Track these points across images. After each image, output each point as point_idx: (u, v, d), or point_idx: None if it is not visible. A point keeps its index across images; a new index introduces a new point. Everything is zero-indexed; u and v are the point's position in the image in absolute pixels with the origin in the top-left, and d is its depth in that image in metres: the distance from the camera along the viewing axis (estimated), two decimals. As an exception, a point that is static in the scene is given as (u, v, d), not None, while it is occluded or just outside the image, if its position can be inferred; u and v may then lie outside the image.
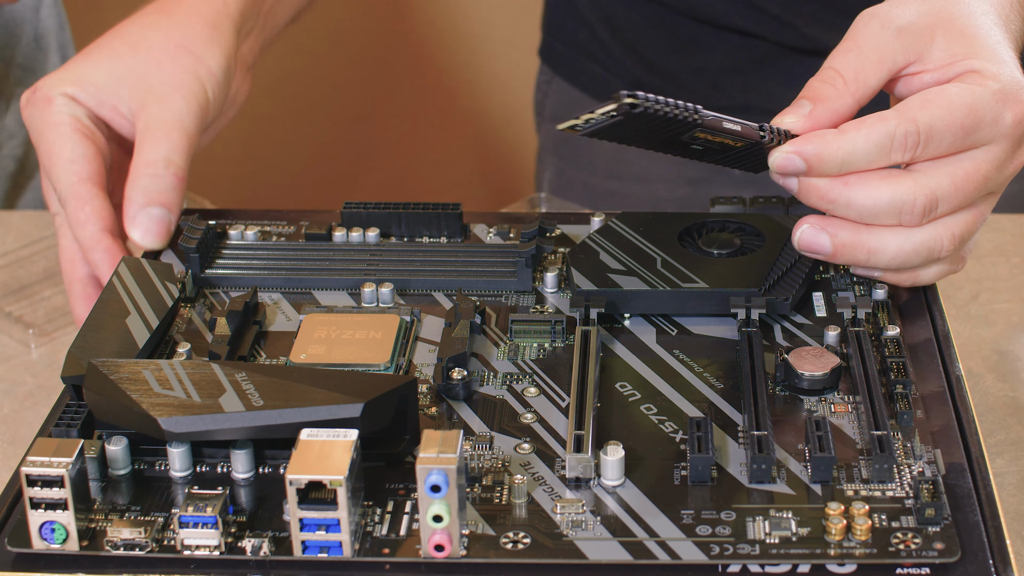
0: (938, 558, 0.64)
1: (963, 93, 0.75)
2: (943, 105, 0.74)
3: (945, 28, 0.77)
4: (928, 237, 0.76)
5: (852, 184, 0.75)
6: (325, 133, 2.08)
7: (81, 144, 0.87)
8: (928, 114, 0.74)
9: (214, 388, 0.68)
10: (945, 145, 0.75)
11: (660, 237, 0.84)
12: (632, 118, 0.72)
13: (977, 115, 0.74)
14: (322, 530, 0.64)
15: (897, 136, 0.74)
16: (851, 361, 0.75)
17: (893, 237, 0.76)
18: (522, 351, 0.79)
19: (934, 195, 0.75)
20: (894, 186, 0.74)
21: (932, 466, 0.69)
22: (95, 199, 0.85)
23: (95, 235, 0.84)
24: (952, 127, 0.74)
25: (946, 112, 0.74)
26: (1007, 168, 0.77)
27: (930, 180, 0.75)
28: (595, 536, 0.66)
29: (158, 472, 0.70)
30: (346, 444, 0.65)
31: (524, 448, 0.71)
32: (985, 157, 0.76)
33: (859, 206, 0.75)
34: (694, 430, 0.69)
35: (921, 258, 0.77)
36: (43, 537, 0.65)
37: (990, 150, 0.76)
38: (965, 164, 0.75)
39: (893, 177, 0.75)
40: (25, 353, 0.93)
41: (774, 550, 0.64)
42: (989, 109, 0.75)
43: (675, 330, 0.80)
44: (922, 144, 0.74)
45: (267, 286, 0.85)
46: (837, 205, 0.75)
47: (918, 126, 0.74)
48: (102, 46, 0.92)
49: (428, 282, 0.84)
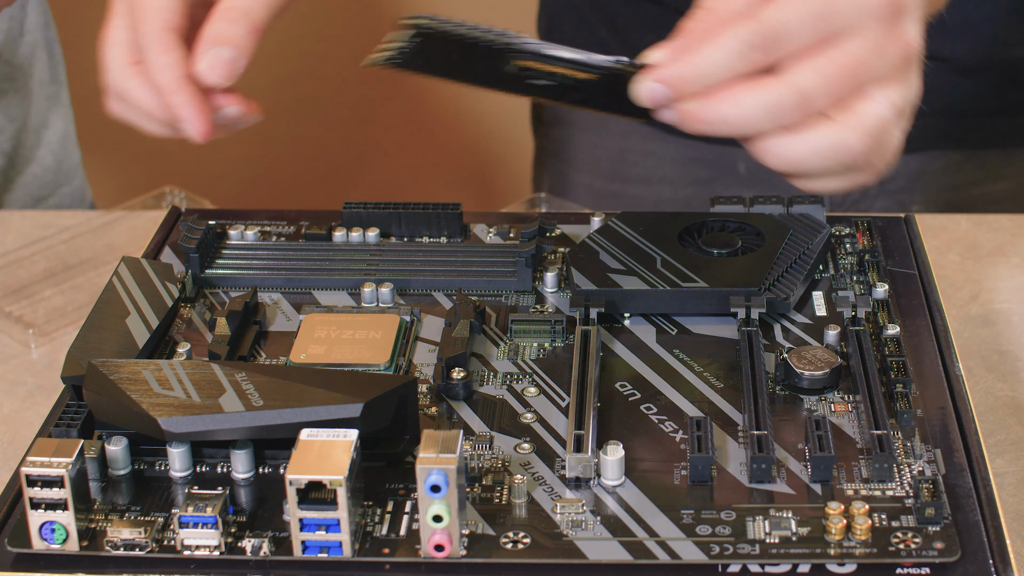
0: (938, 558, 0.64)
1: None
2: None
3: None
4: (827, 136, 0.73)
5: (721, 99, 0.72)
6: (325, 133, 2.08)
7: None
8: (777, 9, 0.72)
9: (214, 388, 0.68)
10: (805, 37, 0.72)
11: (660, 237, 0.84)
12: (430, 44, 0.73)
13: (830, 3, 0.72)
14: (322, 530, 0.64)
15: (749, 38, 0.72)
16: (851, 360, 0.75)
17: (793, 141, 0.73)
18: (522, 351, 0.79)
19: (803, 90, 0.72)
20: (761, 91, 0.72)
21: (932, 466, 0.69)
22: (178, 48, 0.82)
23: (177, 80, 0.81)
24: (803, 17, 0.71)
25: (795, 3, 0.72)
26: (888, 50, 0.73)
27: (796, 77, 0.72)
28: (595, 536, 0.66)
29: (158, 472, 0.70)
30: (346, 444, 0.65)
31: (524, 448, 0.71)
32: (856, 43, 0.72)
33: (733, 120, 0.73)
34: (694, 430, 0.69)
35: (831, 159, 0.73)
36: (43, 537, 0.65)
37: (859, 34, 0.72)
38: (832, 54, 0.72)
39: (759, 82, 0.72)
40: (25, 353, 0.93)
41: (774, 550, 0.64)
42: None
43: (675, 330, 0.80)
44: (778, 40, 0.72)
45: (267, 286, 0.85)
46: (714, 124, 0.73)
47: (769, 23, 0.71)
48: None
49: (428, 282, 0.84)
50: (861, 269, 0.84)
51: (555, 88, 0.76)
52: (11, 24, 1.21)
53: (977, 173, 1.22)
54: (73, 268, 1.02)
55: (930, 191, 1.23)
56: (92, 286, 0.99)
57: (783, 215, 0.86)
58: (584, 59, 0.74)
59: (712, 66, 0.73)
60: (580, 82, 0.75)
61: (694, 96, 0.73)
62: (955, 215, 1.05)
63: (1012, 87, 1.19)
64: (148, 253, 0.88)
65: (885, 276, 0.83)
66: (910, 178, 1.22)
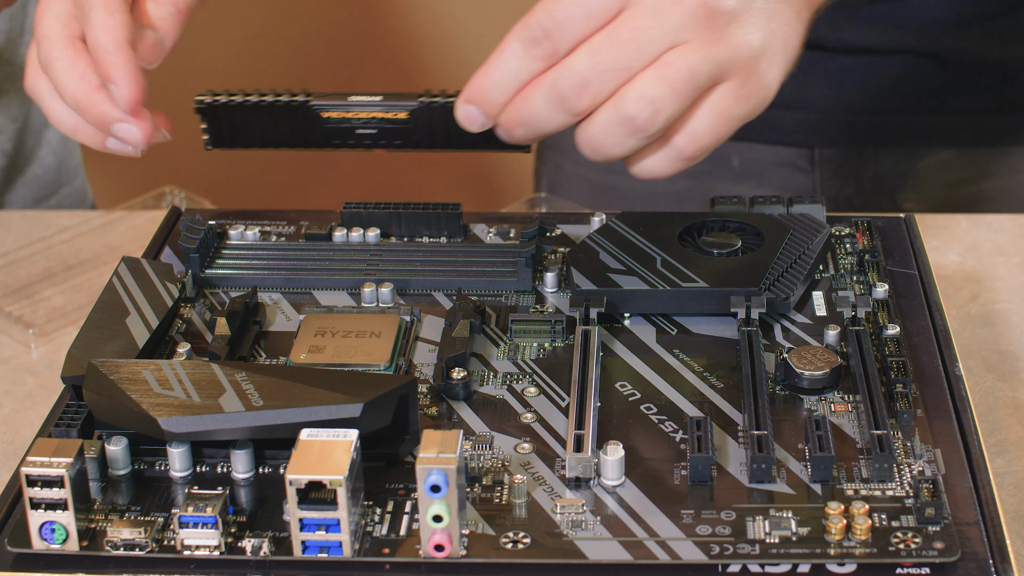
0: (938, 558, 0.64)
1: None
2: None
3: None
4: (608, 113, 0.73)
5: (517, 103, 0.74)
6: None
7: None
8: (545, 2, 0.72)
9: (214, 388, 0.68)
10: (579, 25, 0.72)
11: (660, 236, 0.84)
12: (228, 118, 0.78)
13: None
14: (322, 530, 0.64)
15: (523, 37, 0.73)
16: (851, 360, 0.75)
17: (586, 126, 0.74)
18: (522, 351, 0.79)
19: (577, 71, 0.72)
20: (542, 83, 0.73)
21: (932, 465, 0.69)
22: (123, 12, 0.81)
23: (119, 41, 0.80)
24: (565, 2, 0.72)
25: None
26: (672, 12, 0.72)
27: (570, 59, 0.72)
28: (595, 536, 0.66)
29: (158, 472, 0.70)
30: (346, 444, 0.65)
31: (524, 448, 0.71)
32: (629, 13, 0.72)
33: (530, 118, 0.74)
34: (694, 430, 0.69)
35: (621, 134, 0.73)
36: (43, 537, 0.65)
37: (632, 4, 0.72)
38: (607, 30, 0.72)
39: (541, 78, 0.73)
40: (25, 353, 0.93)
41: (774, 550, 0.64)
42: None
43: (675, 330, 0.80)
44: (551, 31, 0.72)
45: (267, 286, 0.85)
46: (522, 127, 0.74)
47: (536, 15, 0.72)
48: None
49: (428, 282, 0.84)
50: (861, 269, 0.84)
51: (383, 134, 0.78)
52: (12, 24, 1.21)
53: (969, 171, 1.23)
54: (73, 268, 1.02)
55: (923, 189, 1.23)
56: (92, 286, 0.99)
57: (783, 215, 0.86)
58: (390, 102, 0.78)
59: (502, 72, 0.74)
60: (404, 122, 0.78)
61: (504, 106, 0.74)
62: (955, 215, 1.05)
63: (1004, 85, 1.19)
64: (148, 253, 0.88)
65: (885, 276, 0.83)
66: (903, 175, 1.23)
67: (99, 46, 0.80)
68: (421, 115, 0.79)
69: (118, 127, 0.81)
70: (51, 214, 1.09)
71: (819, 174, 1.22)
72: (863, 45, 1.17)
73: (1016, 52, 1.17)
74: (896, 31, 1.16)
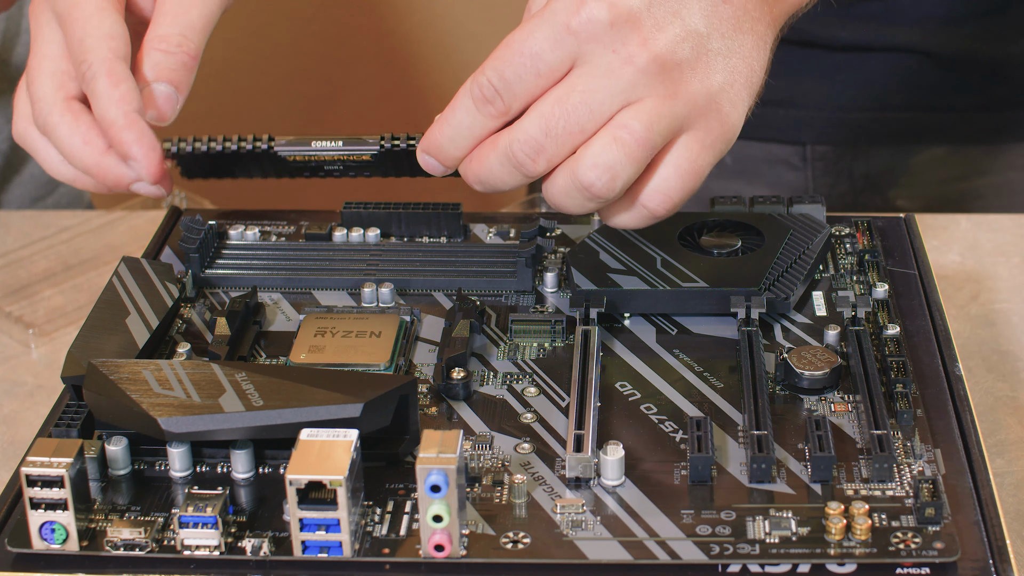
0: (938, 558, 0.64)
1: (521, 27, 0.71)
2: (502, 46, 0.71)
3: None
4: (563, 177, 0.71)
5: (474, 162, 0.73)
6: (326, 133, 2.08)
7: (118, 22, 0.81)
8: (492, 59, 0.71)
9: (214, 388, 0.68)
10: (529, 84, 0.71)
11: (660, 236, 0.84)
12: (196, 160, 0.82)
13: (535, 42, 0.70)
14: (322, 530, 0.64)
15: (474, 95, 0.72)
16: (851, 360, 0.75)
17: (548, 186, 0.72)
18: (522, 351, 0.79)
19: (528, 135, 0.71)
20: (495, 145, 0.72)
21: (932, 466, 0.69)
22: (129, 79, 0.79)
23: (130, 114, 0.78)
24: (513, 61, 0.70)
25: (504, 50, 0.71)
26: (620, 72, 0.70)
27: (521, 123, 0.71)
28: (595, 536, 0.66)
29: (158, 472, 0.70)
30: (346, 444, 0.65)
31: (524, 448, 0.71)
32: (579, 72, 0.70)
33: (486, 177, 0.73)
34: (694, 430, 0.69)
35: (579, 196, 0.71)
36: (43, 537, 0.65)
37: (584, 62, 0.70)
38: (555, 91, 0.70)
39: (495, 139, 0.72)
40: (25, 353, 0.93)
41: (774, 550, 0.64)
42: (548, 27, 0.69)
43: (675, 330, 0.80)
44: (502, 92, 0.71)
45: (267, 286, 0.85)
46: (479, 184, 0.74)
47: (485, 75, 0.71)
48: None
49: (428, 282, 0.84)
50: (861, 269, 0.84)
51: (351, 168, 0.82)
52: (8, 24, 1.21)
53: (962, 168, 1.23)
54: (73, 268, 1.02)
55: (915, 186, 1.24)
56: (92, 286, 0.99)
57: (783, 215, 0.86)
58: (352, 147, 0.82)
59: (455, 128, 0.73)
60: (368, 163, 0.81)
61: (460, 159, 0.74)
62: (955, 215, 1.05)
63: (996, 82, 1.19)
64: (148, 253, 0.88)
65: (885, 276, 0.83)
66: (895, 173, 1.23)
67: (110, 122, 0.78)
68: (385, 156, 0.82)
69: (138, 186, 0.81)
70: (50, 214, 1.09)
71: (811, 171, 1.23)
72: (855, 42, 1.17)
73: (1007, 49, 1.17)
74: (888, 28, 1.16)
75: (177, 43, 0.81)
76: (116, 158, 0.79)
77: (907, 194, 1.24)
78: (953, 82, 1.18)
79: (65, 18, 0.81)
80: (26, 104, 0.82)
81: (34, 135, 0.82)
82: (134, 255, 0.85)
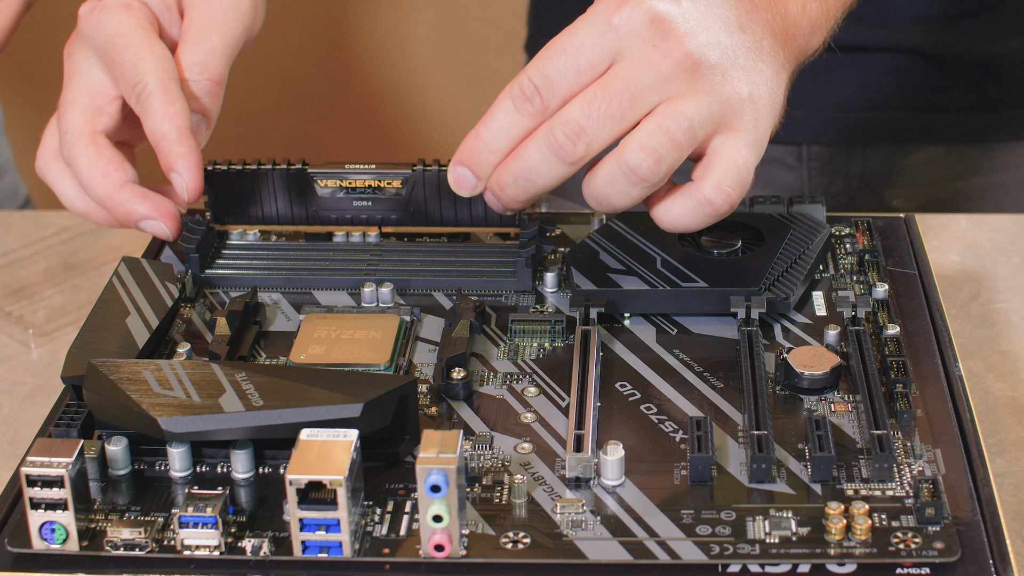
0: (938, 558, 0.64)
1: (565, 30, 0.74)
2: (545, 47, 0.74)
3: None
4: (610, 163, 0.74)
5: (510, 160, 0.75)
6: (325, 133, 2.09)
7: (166, 48, 0.85)
8: (535, 59, 0.74)
9: (214, 388, 0.68)
10: (570, 80, 0.74)
11: (660, 237, 0.84)
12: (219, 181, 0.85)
13: (578, 38, 0.73)
14: (322, 530, 0.64)
15: (514, 95, 0.74)
16: (851, 360, 0.75)
17: (590, 177, 0.75)
18: (522, 351, 0.79)
19: (571, 121, 0.73)
20: (536, 136, 0.74)
21: (932, 466, 0.69)
22: (182, 99, 0.82)
23: (182, 130, 0.81)
24: (555, 58, 0.73)
25: (547, 49, 0.74)
26: (660, 63, 0.73)
27: (565, 110, 0.74)
28: (595, 536, 0.66)
29: (158, 472, 0.70)
30: (346, 444, 0.65)
31: (524, 448, 0.71)
32: (621, 66, 0.73)
33: (526, 172, 0.75)
34: (694, 430, 0.69)
35: (624, 181, 0.74)
36: (43, 537, 0.65)
37: (624, 57, 0.74)
38: (599, 82, 0.74)
39: (535, 132, 0.74)
40: (25, 353, 0.93)
41: (774, 550, 0.64)
42: (590, 26, 0.73)
43: (675, 330, 0.80)
44: (542, 88, 0.74)
45: (267, 286, 0.85)
46: (514, 185, 0.75)
47: (527, 74, 0.74)
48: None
49: (428, 282, 0.84)
50: (861, 269, 0.84)
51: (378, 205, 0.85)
52: None
53: (957, 167, 1.23)
54: (73, 268, 1.02)
55: (910, 185, 1.24)
56: (92, 286, 0.99)
57: (783, 215, 0.86)
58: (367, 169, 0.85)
59: (493, 131, 0.75)
60: (397, 192, 0.84)
61: (494, 167, 0.75)
62: (955, 215, 1.05)
63: (989, 81, 1.19)
64: (148, 253, 0.88)
65: (885, 276, 0.83)
66: (890, 172, 1.23)
67: (162, 135, 0.81)
68: (415, 182, 0.84)
69: (145, 224, 0.82)
70: (51, 214, 1.09)
71: (807, 171, 1.23)
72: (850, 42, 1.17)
73: (1000, 48, 1.17)
74: (882, 28, 1.16)
75: (199, 70, 0.85)
76: (130, 193, 0.82)
77: (902, 194, 1.24)
78: (947, 82, 1.19)
79: (112, 49, 0.84)
80: (52, 139, 0.86)
81: (55, 168, 0.86)
82: (134, 255, 0.85)
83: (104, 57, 0.84)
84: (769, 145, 1.27)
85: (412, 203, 0.85)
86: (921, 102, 1.20)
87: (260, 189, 0.85)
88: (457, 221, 0.85)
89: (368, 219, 0.86)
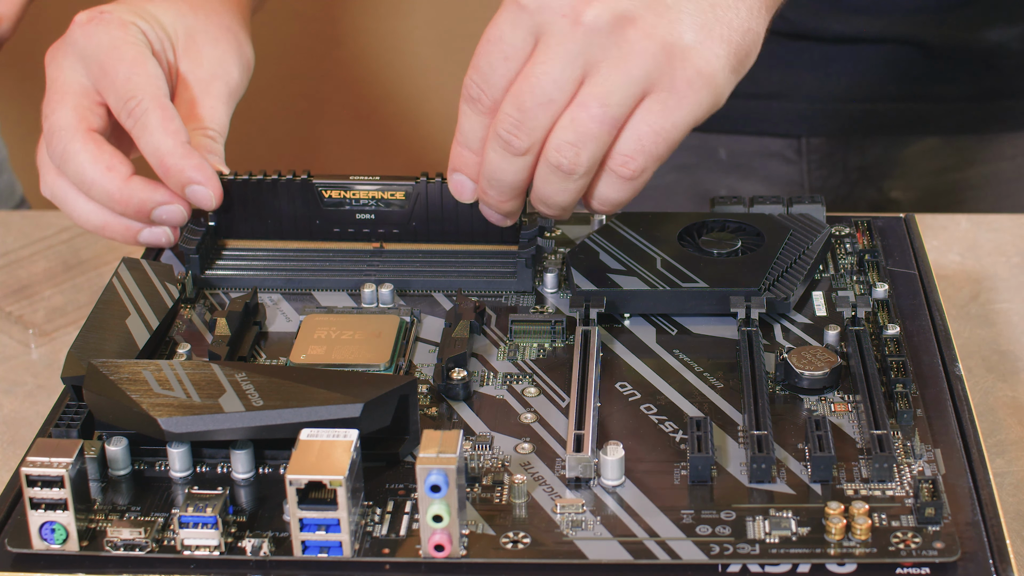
0: (938, 558, 0.64)
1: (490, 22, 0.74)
2: (478, 44, 0.74)
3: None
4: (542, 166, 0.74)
5: (482, 166, 0.76)
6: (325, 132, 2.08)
7: (160, 67, 0.85)
8: (472, 60, 0.74)
9: (214, 388, 0.68)
10: (502, 70, 0.74)
11: (660, 237, 0.84)
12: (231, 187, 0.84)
13: (497, 27, 0.73)
14: (322, 530, 0.64)
15: (466, 99, 0.75)
16: (851, 360, 0.75)
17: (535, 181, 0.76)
18: (522, 351, 0.79)
19: (505, 114, 0.73)
20: (489, 137, 0.75)
21: (932, 466, 0.69)
22: (178, 117, 0.83)
23: (185, 145, 0.82)
24: (485, 54, 0.74)
25: (479, 47, 0.74)
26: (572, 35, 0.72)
27: (501, 107, 0.74)
28: (595, 536, 0.66)
29: (158, 472, 0.70)
30: (346, 444, 0.65)
31: (524, 448, 0.71)
32: (540, 47, 0.73)
33: (487, 169, 0.75)
34: (694, 430, 0.69)
35: (555, 179, 0.74)
36: (43, 537, 0.65)
37: (541, 34, 0.73)
38: (523, 72, 0.73)
39: (489, 133, 0.75)
40: (25, 353, 0.93)
41: (774, 550, 0.64)
42: (505, 11, 0.73)
43: (675, 330, 0.80)
44: (484, 85, 0.74)
45: (267, 287, 0.85)
46: (492, 187, 0.76)
47: (469, 76, 0.75)
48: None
49: (428, 282, 0.84)
50: (861, 269, 0.84)
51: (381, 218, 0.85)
52: None
53: (954, 159, 1.23)
54: (73, 268, 1.02)
55: (908, 177, 1.24)
56: (92, 286, 0.99)
57: (783, 215, 0.86)
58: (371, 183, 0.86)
59: (465, 135, 0.76)
60: (400, 204, 0.85)
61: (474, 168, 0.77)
62: (955, 215, 1.05)
63: (985, 72, 1.19)
64: (148, 253, 0.88)
65: (885, 276, 0.83)
66: (888, 164, 1.23)
67: (167, 151, 0.81)
68: (418, 194, 0.84)
69: (161, 210, 0.82)
70: (51, 214, 1.09)
71: (806, 164, 1.23)
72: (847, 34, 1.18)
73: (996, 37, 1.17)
74: (879, 19, 1.17)
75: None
76: (141, 183, 0.82)
77: (901, 185, 1.24)
78: (944, 72, 1.19)
79: (105, 60, 0.84)
80: (47, 157, 0.85)
81: (62, 185, 0.85)
82: (134, 255, 0.85)
83: (95, 67, 0.84)
84: (768, 139, 1.27)
85: (415, 216, 0.85)
86: (919, 93, 1.20)
87: (263, 202, 0.85)
88: (458, 236, 0.85)
89: (370, 233, 0.86)
